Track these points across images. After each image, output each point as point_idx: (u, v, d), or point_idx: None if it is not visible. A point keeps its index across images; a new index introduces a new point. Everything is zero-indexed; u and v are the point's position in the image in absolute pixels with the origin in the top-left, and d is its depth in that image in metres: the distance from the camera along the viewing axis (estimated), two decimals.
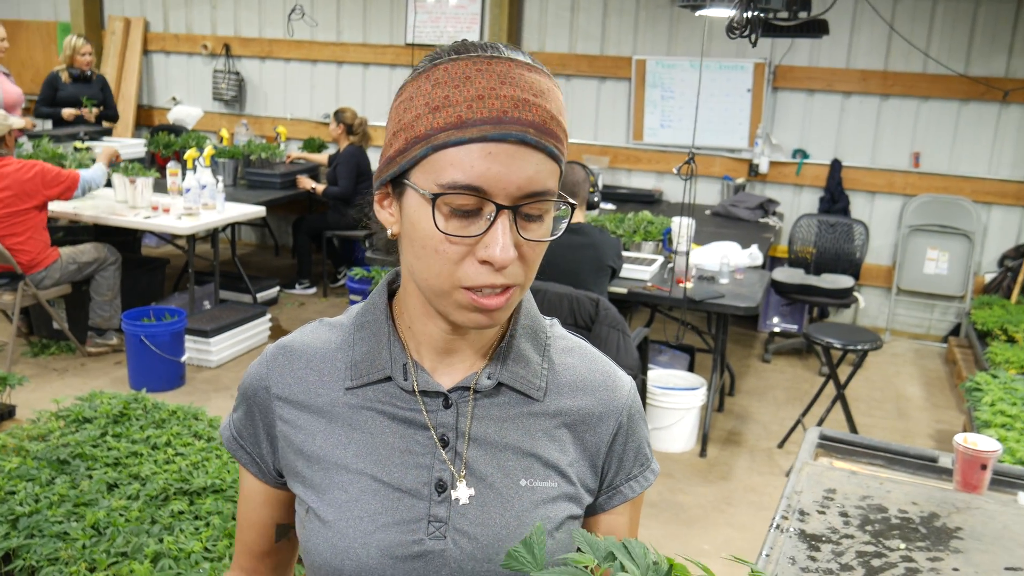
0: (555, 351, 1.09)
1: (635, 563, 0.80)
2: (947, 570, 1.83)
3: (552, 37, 7.07)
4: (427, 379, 1.03)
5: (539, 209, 0.93)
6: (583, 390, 1.08)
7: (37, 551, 2.74)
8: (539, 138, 0.91)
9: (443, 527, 1.00)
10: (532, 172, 0.91)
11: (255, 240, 8.42)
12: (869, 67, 6.29)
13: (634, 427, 1.11)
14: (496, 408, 1.04)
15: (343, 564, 1.00)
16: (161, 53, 8.41)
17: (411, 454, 1.02)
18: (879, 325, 6.59)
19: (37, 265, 5.00)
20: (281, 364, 1.08)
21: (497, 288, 0.93)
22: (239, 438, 1.11)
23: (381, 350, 1.04)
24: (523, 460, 1.03)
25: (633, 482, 1.11)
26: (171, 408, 3.74)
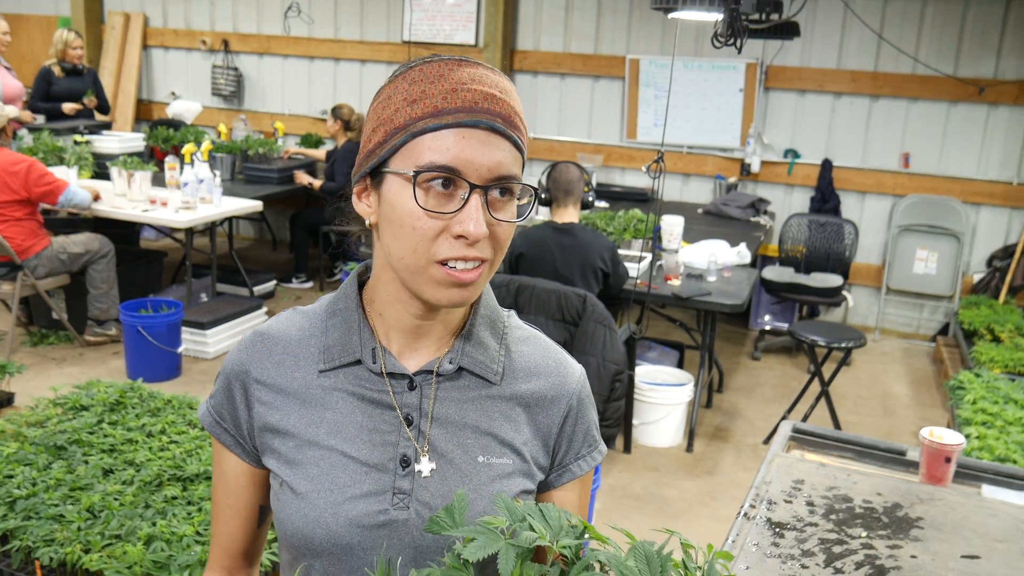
0: (512, 340, 1.18)
1: (549, 525, 0.89)
2: (905, 557, 1.91)
3: (547, 36, 7.14)
4: (394, 363, 1.11)
5: (508, 190, 1.03)
6: (537, 375, 1.17)
7: (34, 532, 2.82)
8: (506, 128, 1.01)
9: (407, 499, 1.08)
10: (501, 157, 1.01)
11: (253, 234, 8.50)
12: (859, 68, 6.36)
13: (583, 410, 1.19)
14: (456, 391, 1.13)
15: (314, 532, 1.08)
16: (160, 48, 8.48)
17: (378, 432, 1.10)
18: (869, 324, 6.67)
19: (26, 252, 5.07)
20: (259, 350, 1.15)
21: (470, 262, 1.01)
22: (221, 420, 1.17)
23: (352, 335, 1.12)
24: (481, 439, 1.12)
25: (581, 461, 1.20)
26: (166, 397, 3.82)
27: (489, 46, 7.07)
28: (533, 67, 7.21)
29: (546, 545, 0.90)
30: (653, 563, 0.94)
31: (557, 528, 0.93)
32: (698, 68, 6.70)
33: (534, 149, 7.29)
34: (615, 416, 3.93)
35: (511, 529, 0.92)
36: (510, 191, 1.03)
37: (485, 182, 1.00)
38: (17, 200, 5.00)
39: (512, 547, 0.90)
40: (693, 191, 6.97)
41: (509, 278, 3.93)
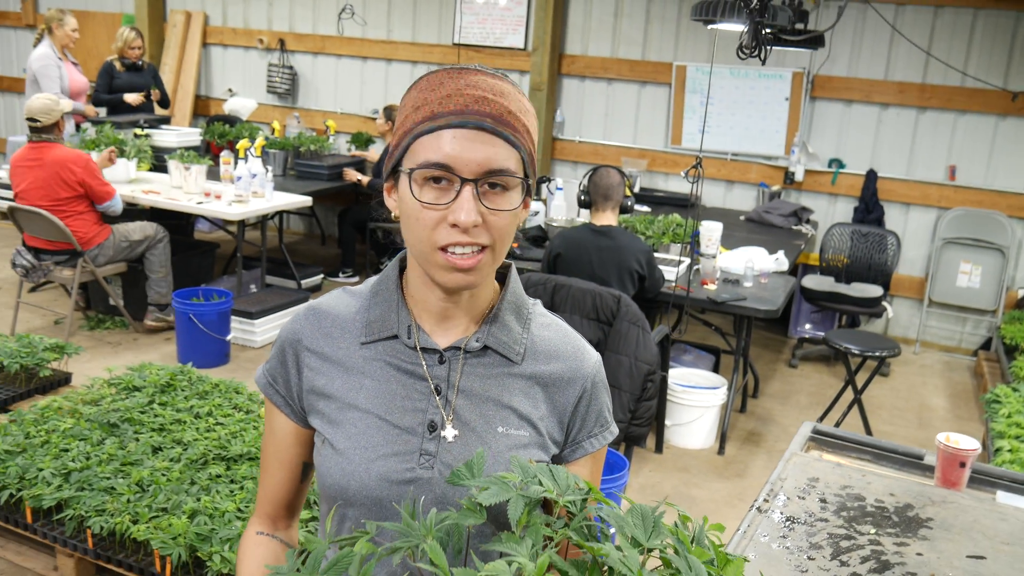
0: (535, 325, 1.31)
1: (557, 484, 1.00)
2: (911, 555, 1.97)
3: (595, 41, 7.23)
4: (426, 339, 1.25)
5: (500, 183, 1.14)
6: (556, 358, 1.29)
7: (86, 503, 2.99)
8: (495, 126, 1.13)
9: (431, 460, 1.22)
10: (490, 153, 1.13)
11: (303, 229, 8.70)
12: (907, 79, 6.36)
13: (596, 393, 1.31)
14: (481, 367, 1.26)
15: (349, 484, 1.22)
16: (219, 46, 8.72)
17: (410, 399, 1.24)
18: (909, 336, 6.65)
19: (89, 243, 5.29)
20: (311, 322, 1.29)
21: (467, 249, 1.13)
22: (274, 383, 1.31)
23: (391, 313, 1.26)
24: (501, 411, 1.25)
25: (593, 439, 1.32)
26: (214, 381, 3.99)
27: (538, 50, 7.17)
28: (581, 72, 7.31)
29: (552, 499, 1.01)
30: (647, 520, 1.04)
31: (564, 486, 1.04)
32: (744, 76, 6.74)
33: (579, 152, 7.38)
34: (646, 415, 4.01)
35: (523, 483, 1.03)
36: (503, 184, 1.15)
37: (476, 175, 1.12)
38: (76, 196, 5.21)
39: (522, 497, 1.00)
40: (736, 198, 7.01)
41: (546, 277, 4.04)
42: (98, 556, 3.01)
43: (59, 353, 4.33)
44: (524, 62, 7.41)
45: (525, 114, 1.18)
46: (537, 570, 0.91)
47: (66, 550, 3.06)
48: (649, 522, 1.04)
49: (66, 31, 6.77)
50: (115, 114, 7.09)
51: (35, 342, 4.32)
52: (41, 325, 5.69)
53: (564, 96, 7.43)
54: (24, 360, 4.17)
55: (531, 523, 1.02)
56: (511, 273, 1.32)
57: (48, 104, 5.20)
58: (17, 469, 3.16)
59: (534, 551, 0.96)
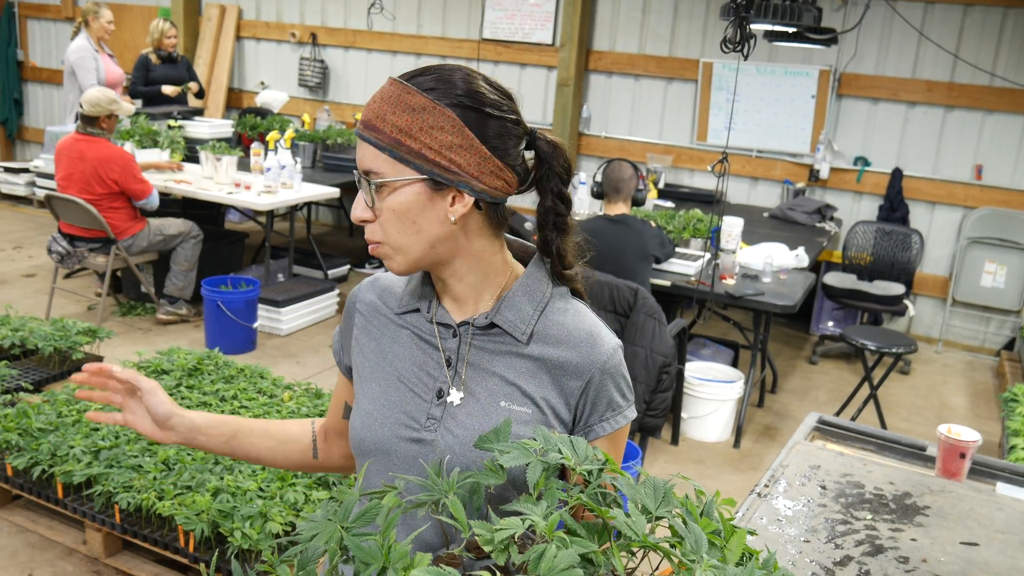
0: (551, 311, 1.36)
1: (576, 453, 1.07)
2: (905, 540, 2.02)
3: (623, 37, 7.28)
4: (444, 314, 1.37)
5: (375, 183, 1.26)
6: (565, 343, 1.34)
7: (115, 479, 3.10)
8: (362, 132, 1.27)
9: (436, 424, 1.32)
10: (361, 155, 1.27)
11: (331, 220, 8.83)
12: (935, 78, 6.34)
13: (606, 381, 1.35)
14: (490, 343, 1.34)
15: (365, 436, 1.37)
16: (252, 39, 8.86)
17: (425, 367, 1.36)
18: (932, 335, 6.65)
19: (123, 233, 5.43)
20: (367, 290, 1.48)
21: (371, 242, 1.31)
22: (339, 336, 1.52)
23: (419, 289, 1.40)
24: (506, 387, 1.33)
25: (605, 423, 1.37)
26: (240, 366, 4.10)
27: (565, 45, 7.23)
28: (608, 67, 7.36)
29: (570, 467, 1.08)
30: (658, 491, 1.10)
31: (583, 456, 1.11)
32: (771, 73, 6.76)
33: (605, 148, 7.44)
34: (661, 407, 4.07)
35: (543, 451, 1.10)
36: (377, 183, 1.26)
37: (360, 175, 1.28)
38: (113, 192, 5.35)
39: (541, 462, 1.08)
40: (761, 195, 7.03)
41: None
42: (125, 531, 3.13)
43: (91, 337, 4.47)
44: (552, 58, 7.47)
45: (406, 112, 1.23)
46: (548, 527, 0.98)
47: (95, 524, 3.18)
48: (660, 492, 1.11)
49: (102, 23, 6.92)
50: (150, 105, 7.24)
51: (68, 326, 4.46)
52: (75, 311, 5.85)
53: (591, 92, 7.48)
54: (58, 343, 4.31)
55: (548, 488, 1.09)
56: (533, 259, 1.39)
57: (96, 96, 5.32)
58: (49, 446, 3.29)
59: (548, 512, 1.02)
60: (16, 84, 9.98)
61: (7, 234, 7.59)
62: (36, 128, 9.93)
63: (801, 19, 3.87)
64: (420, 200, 1.25)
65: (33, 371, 4.32)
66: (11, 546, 3.32)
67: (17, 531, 3.40)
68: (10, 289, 6.21)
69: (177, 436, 1.49)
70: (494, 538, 0.92)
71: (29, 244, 7.34)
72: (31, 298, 6.01)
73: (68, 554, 3.29)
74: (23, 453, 3.30)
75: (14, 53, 9.89)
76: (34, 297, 6.03)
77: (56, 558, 3.27)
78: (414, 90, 1.24)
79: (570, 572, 0.86)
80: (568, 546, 0.90)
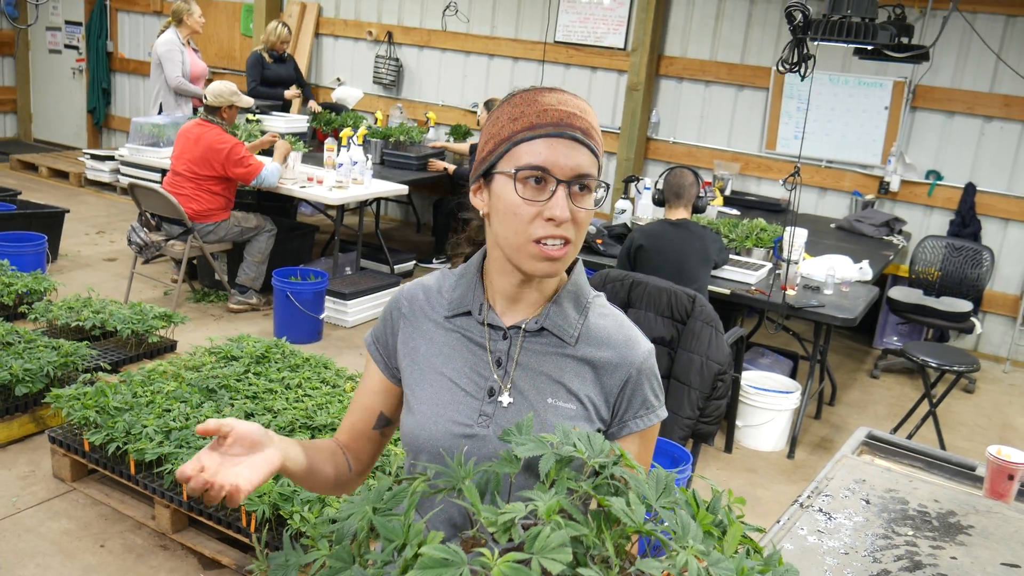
0: (593, 314, 1.49)
1: (592, 448, 1.15)
2: (945, 558, 2.04)
3: (695, 43, 7.28)
4: (495, 317, 1.46)
5: (585, 185, 1.34)
6: (607, 345, 1.46)
7: (183, 458, 3.26)
8: (584, 138, 1.33)
9: (488, 420, 1.42)
10: (580, 160, 1.33)
11: (400, 216, 8.99)
12: (1014, 92, 6.22)
13: (642, 380, 1.47)
14: (539, 345, 1.45)
15: (419, 434, 1.44)
16: (330, 37, 9.07)
17: (476, 368, 1.45)
18: (1000, 354, 6.52)
19: (208, 217, 5.64)
20: (411, 294, 1.53)
21: (557, 241, 1.32)
22: (376, 341, 1.55)
23: (469, 293, 1.48)
24: (552, 385, 1.43)
25: (638, 419, 1.47)
26: (305, 356, 4.24)
27: (637, 50, 7.26)
28: (679, 73, 7.36)
29: (583, 459, 1.16)
30: (660, 483, 1.17)
31: (597, 451, 1.19)
32: (844, 84, 6.70)
33: (672, 153, 7.45)
34: (715, 414, 4.09)
35: (558, 444, 1.18)
36: (587, 187, 1.34)
37: (568, 178, 1.32)
38: (215, 176, 5.58)
39: (554, 455, 1.16)
40: (829, 205, 6.98)
41: (623, 274, 4.16)
42: (191, 508, 3.29)
43: (167, 322, 4.66)
44: (623, 62, 7.50)
45: (598, 131, 1.38)
46: (547, 511, 1.06)
47: (163, 501, 3.34)
48: (661, 485, 1.18)
49: (195, 19, 7.20)
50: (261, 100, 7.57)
51: (145, 310, 4.67)
52: (152, 295, 6.08)
53: (660, 97, 7.50)
54: (135, 327, 4.51)
55: (560, 477, 1.17)
56: (576, 266, 1.51)
57: (219, 88, 5.63)
58: (124, 424, 3.46)
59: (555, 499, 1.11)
60: (105, 74, 10.37)
61: (91, 219, 7.91)
62: (122, 117, 10.31)
63: (876, 37, 3.85)
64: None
65: (111, 352, 4.54)
66: (85, 517, 3.50)
67: (91, 503, 3.59)
68: (92, 272, 6.49)
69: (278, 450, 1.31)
70: (497, 520, 1.00)
71: (111, 229, 7.64)
72: (111, 282, 6.27)
73: (138, 528, 3.46)
74: (100, 430, 3.48)
75: (104, 44, 10.27)
76: (114, 281, 6.29)
77: (126, 531, 3.44)
78: (591, 109, 1.38)
79: (560, 551, 0.94)
80: (563, 528, 0.98)
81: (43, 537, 3.35)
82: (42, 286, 5.07)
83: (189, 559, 3.30)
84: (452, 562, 0.96)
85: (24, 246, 5.90)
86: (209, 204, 5.61)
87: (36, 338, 4.25)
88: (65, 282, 5.89)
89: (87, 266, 6.64)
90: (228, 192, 5.71)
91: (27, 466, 3.83)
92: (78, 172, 9.11)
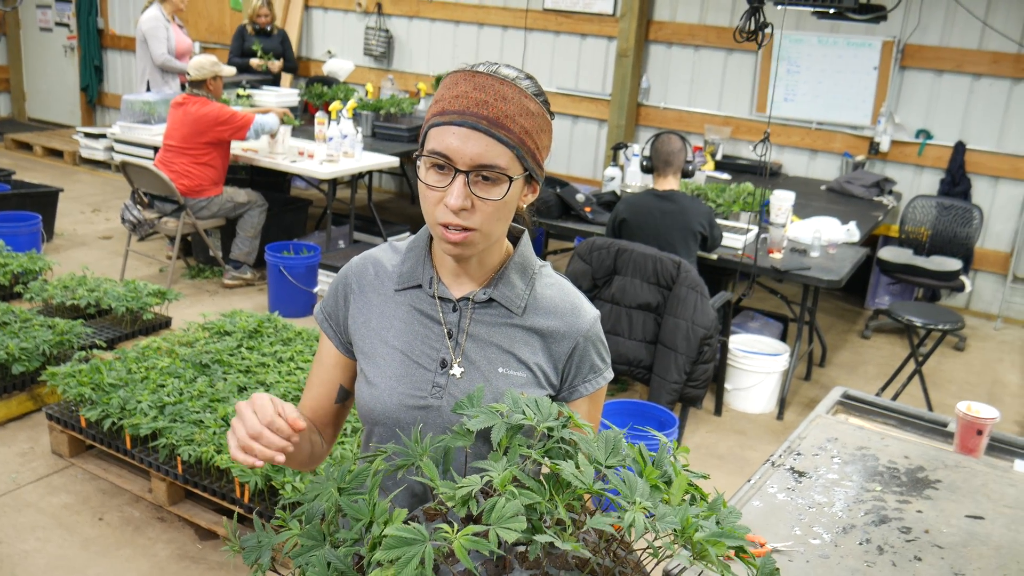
0: (540, 284, 1.53)
1: (540, 413, 1.20)
2: (911, 511, 2.10)
3: (684, 7, 7.25)
4: (444, 290, 1.49)
5: (490, 176, 1.34)
6: (554, 314, 1.51)
7: (177, 433, 3.32)
8: (490, 128, 1.32)
9: (441, 391, 1.46)
10: (481, 150, 1.32)
11: (394, 188, 9.01)
12: (1003, 49, 6.21)
13: (588, 346, 1.52)
14: (488, 316, 1.48)
15: (375, 407, 1.47)
16: (320, 9, 9.04)
17: (427, 340, 1.48)
18: (992, 312, 6.57)
19: (199, 192, 5.68)
20: (360, 268, 1.55)
21: (458, 228, 1.34)
22: (328, 317, 1.57)
23: (419, 267, 1.51)
24: (503, 355, 1.47)
25: (587, 383, 1.53)
26: (297, 329, 4.30)
27: (625, 16, 7.24)
28: (668, 38, 7.35)
29: (532, 425, 1.21)
30: (609, 443, 1.23)
31: (545, 415, 1.24)
32: (833, 44, 6.69)
33: (663, 119, 7.45)
34: (702, 378, 4.15)
35: (508, 413, 1.23)
36: (492, 177, 1.34)
37: (468, 167, 1.32)
38: (209, 143, 5.63)
39: (505, 424, 1.21)
40: (820, 167, 6.99)
41: (609, 242, 4.20)
42: (187, 481, 3.36)
43: (161, 299, 4.72)
44: (612, 28, 7.48)
45: (526, 116, 1.36)
46: (502, 481, 1.12)
47: (159, 474, 3.42)
48: (611, 445, 1.23)
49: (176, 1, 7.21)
50: (244, 73, 7.57)
51: (140, 288, 4.72)
52: (147, 272, 6.14)
53: (650, 62, 7.48)
54: (130, 304, 4.57)
55: (512, 445, 1.23)
56: (523, 238, 1.54)
57: (200, 61, 5.69)
58: (119, 400, 3.52)
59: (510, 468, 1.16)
60: (97, 52, 10.35)
61: (86, 197, 7.95)
62: (115, 94, 10.31)
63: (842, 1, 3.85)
64: (517, 192, 1.40)
65: (107, 329, 4.60)
66: (84, 492, 3.58)
67: (89, 478, 3.67)
68: (87, 251, 6.53)
69: None
70: (455, 494, 1.05)
71: (106, 207, 7.68)
72: (107, 259, 6.32)
73: (135, 501, 3.53)
74: (95, 406, 3.54)
75: (95, 21, 10.24)
76: (109, 259, 6.34)
77: (124, 504, 3.52)
78: (529, 95, 1.37)
79: (515, 520, 0.99)
80: (517, 498, 1.03)
81: (43, 512, 3.43)
82: (37, 265, 5.12)
83: (186, 530, 3.38)
84: (416, 540, 1.02)
85: (19, 226, 5.95)
86: (201, 179, 5.65)
87: (32, 317, 4.31)
88: (60, 261, 5.95)
89: (82, 245, 6.69)
90: (221, 162, 5.75)
91: (26, 443, 3.90)
92: (72, 151, 9.13)
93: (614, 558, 1.20)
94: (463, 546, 1.00)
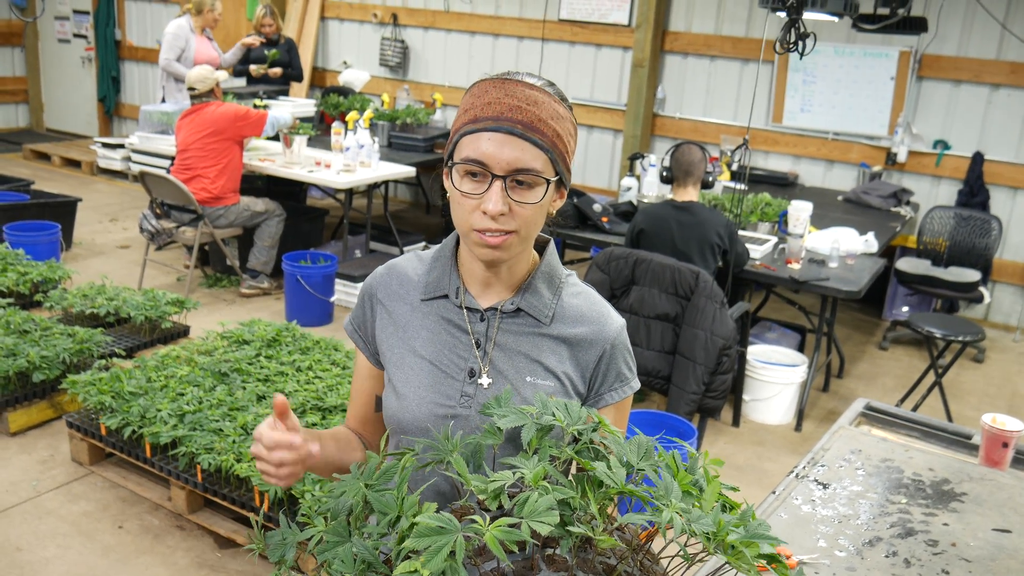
0: (566, 293, 1.53)
1: (569, 416, 1.20)
2: (937, 524, 2.09)
3: (699, 18, 7.26)
4: (471, 300, 1.49)
5: (526, 180, 1.35)
6: (581, 323, 1.51)
7: (197, 441, 3.33)
8: (524, 132, 1.34)
9: (469, 400, 1.46)
10: (518, 154, 1.33)
11: (409, 198, 9.04)
12: (1021, 59, 6.18)
13: (615, 355, 1.52)
14: (515, 326, 1.49)
15: (403, 416, 1.48)
16: (336, 20, 9.09)
17: (455, 349, 1.48)
18: (1011, 323, 6.52)
19: (218, 200, 5.71)
20: (385, 278, 1.55)
21: (496, 232, 1.35)
22: (357, 328, 1.58)
23: (445, 277, 1.51)
24: (530, 364, 1.48)
25: (614, 392, 1.53)
26: (316, 339, 4.31)
27: (641, 26, 7.25)
28: (683, 48, 7.35)
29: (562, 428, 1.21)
30: (641, 447, 1.22)
31: (575, 418, 1.24)
32: (849, 55, 6.68)
33: (679, 129, 7.45)
34: (721, 388, 4.14)
35: (538, 414, 1.23)
36: (528, 181, 1.35)
37: (505, 172, 1.33)
38: (228, 139, 5.69)
39: (535, 424, 1.21)
40: (836, 178, 6.97)
41: (627, 252, 4.19)
42: (206, 489, 3.36)
43: (179, 307, 4.74)
44: (627, 38, 7.49)
45: (557, 120, 1.38)
46: (534, 477, 1.12)
47: (179, 483, 3.42)
48: (643, 449, 1.23)
49: (214, 15, 7.27)
50: (252, 85, 7.60)
51: (159, 297, 4.74)
52: (165, 281, 6.16)
53: (666, 73, 7.49)
54: (148, 313, 4.59)
55: (542, 446, 1.23)
56: (548, 247, 1.55)
57: (199, 73, 5.75)
58: (139, 409, 3.54)
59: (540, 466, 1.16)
60: (114, 63, 10.42)
61: (104, 207, 7.99)
62: (132, 105, 10.37)
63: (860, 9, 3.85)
64: (551, 195, 1.41)
65: (126, 338, 4.61)
66: (104, 499, 3.59)
67: (109, 486, 3.68)
68: (106, 260, 6.57)
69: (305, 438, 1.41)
70: (487, 488, 1.05)
71: (124, 217, 7.72)
72: (125, 269, 6.35)
73: (154, 509, 3.54)
74: (115, 414, 3.56)
75: (112, 33, 10.32)
76: (128, 268, 6.37)
77: (144, 512, 3.53)
78: (557, 99, 1.39)
79: (548, 514, 0.99)
80: (550, 493, 1.03)
81: (63, 519, 3.44)
82: (56, 274, 5.15)
83: (205, 539, 3.39)
84: (447, 529, 1.02)
85: (38, 235, 5.99)
86: (219, 187, 5.68)
87: (52, 326, 4.33)
88: (79, 270, 5.98)
89: (101, 254, 6.73)
90: (238, 166, 5.80)
91: (46, 451, 3.92)
92: (90, 160, 9.19)
93: (640, 567, 1.20)
94: (495, 537, 1.00)
